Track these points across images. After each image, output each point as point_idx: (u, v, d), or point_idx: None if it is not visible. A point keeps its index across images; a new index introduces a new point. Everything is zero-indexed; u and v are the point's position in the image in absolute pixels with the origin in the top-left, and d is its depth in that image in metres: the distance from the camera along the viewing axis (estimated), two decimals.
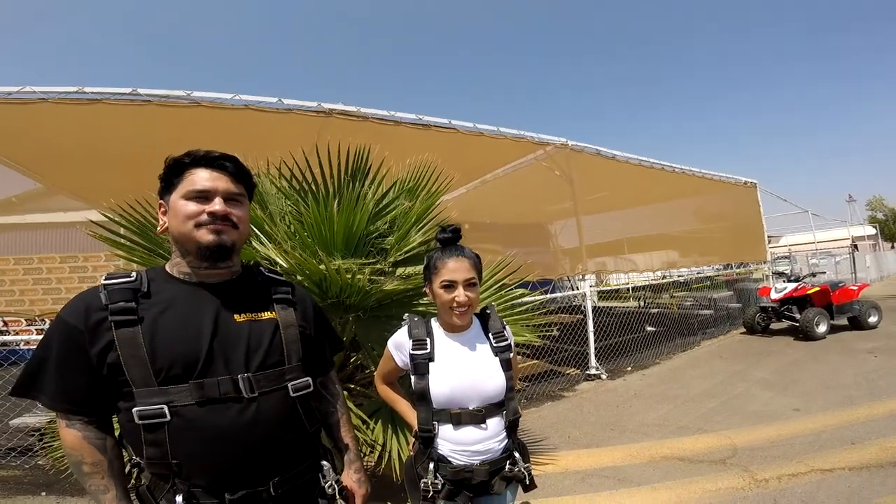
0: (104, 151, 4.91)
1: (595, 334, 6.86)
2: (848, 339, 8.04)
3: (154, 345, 1.09)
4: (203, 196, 1.18)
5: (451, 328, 1.65)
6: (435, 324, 1.68)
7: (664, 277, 10.54)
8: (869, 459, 3.46)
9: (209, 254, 1.19)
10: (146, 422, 1.06)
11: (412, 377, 1.61)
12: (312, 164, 2.98)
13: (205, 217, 1.17)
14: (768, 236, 14.51)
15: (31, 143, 4.74)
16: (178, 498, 1.08)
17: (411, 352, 1.61)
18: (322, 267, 2.55)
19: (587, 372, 6.62)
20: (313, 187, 3.03)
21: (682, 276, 10.98)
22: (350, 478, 1.44)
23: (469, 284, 1.57)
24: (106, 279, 1.14)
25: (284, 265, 2.70)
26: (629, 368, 6.95)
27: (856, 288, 9.04)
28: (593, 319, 6.88)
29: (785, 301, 8.72)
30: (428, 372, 1.58)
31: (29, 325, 8.69)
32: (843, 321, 8.87)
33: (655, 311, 10.71)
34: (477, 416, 1.56)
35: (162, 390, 1.07)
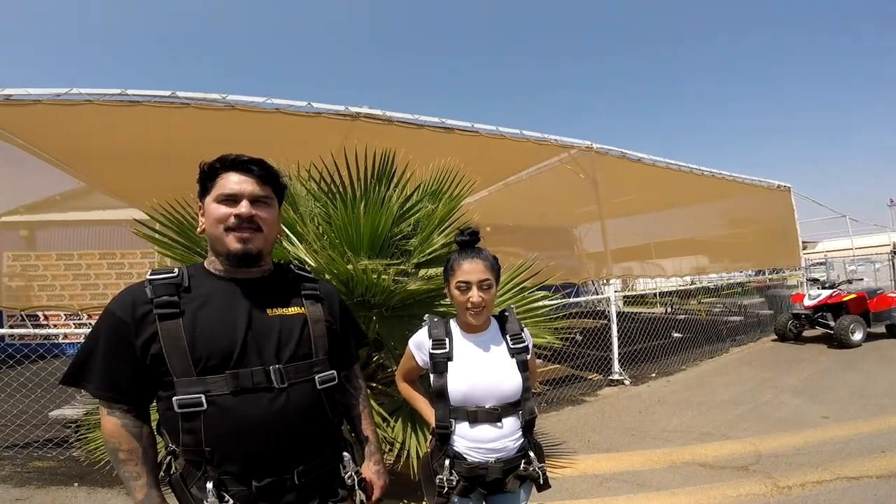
0: (144, 152, 5.10)
1: (619, 340, 6.80)
2: (885, 347, 7.80)
3: (194, 337, 1.16)
4: (232, 199, 1.25)
5: (469, 328, 1.70)
6: (454, 324, 1.73)
7: (692, 283, 10.37)
8: None
9: (237, 261, 1.27)
10: (184, 410, 1.13)
11: (431, 375, 1.66)
12: (340, 167, 3.07)
13: (232, 220, 1.24)
14: (804, 242, 14.08)
15: (75, 143, 4.97)
16: (209, 485, 1.14)
17: (431, 351, 1.66)
18: (349, 267, 2.64)
19: (610, 377, 6.58)
20: (341, 189, 3.11)
21: (711, 281, 10.73)
22: (369, 469, 1.51)
23: (483, 286, 1.61)
24: (151, 275, 1.22)
25: (314, 264, 2.80)
26: (654, 374, 6.88)
27: (895, 295, 8.75)
28: (617, 325, 6.83)
29: (819, 308, 8.48)
30: (446, 371, 1.63)
31: (67, 320, 9.09)
32: (881, 329, 8.61)
33: (683, 317, 10.54)
34: (493, 415, 1.60)
35: (200, 380, 1.14)
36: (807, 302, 8.57)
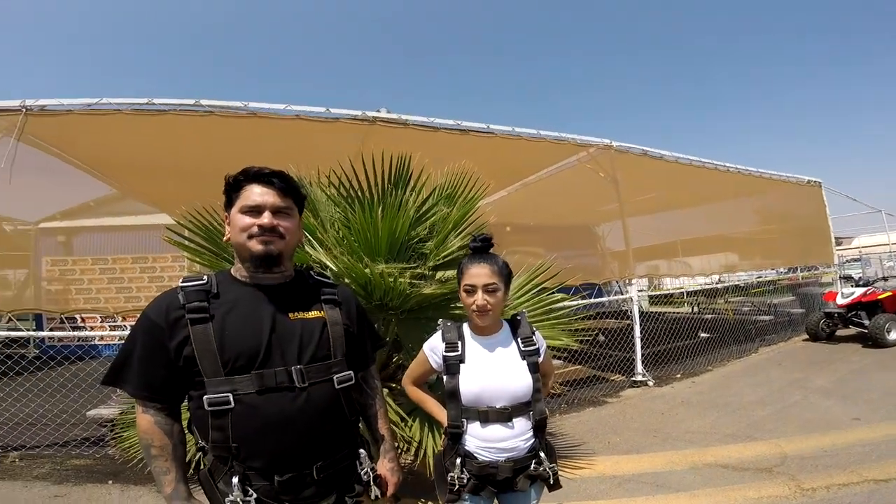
0: (171, 159, 5.29)
1: (643, 340, 6.72)
2: None
3: (223, 340, 1.25)
4: (255, 210, 1.34)
5: (480, 331, 1.75)
6: (466, 328, 1.79)
7: (720, 282, 10.15)
8: None
9: (260, 261, 1.35)
10: (214, 408, 1.22)
11: (444, 377, 1.72)
12: (358, 171, 3.14)
13: (255, 229, 1.33)
14: (838, 238, 13.61)
15: (107, 151, 5.14)
16: (235, 479, 1.22)
17: (444, 354, 1.72)
18: (367, 271, 2.72)
19: (633, 378, 6.51)
20: (359, 194, 3.18)
21: (741, 280, 10.48)
22: (384, 466, 1.57)
23: (488, 289, 1.66)
24: (182, 282, 1.31)
25: (334, 268, 2.88)
26: (678, 375, 6.78)
27: None
28: (641, 325, 6.75)
29: (853, 307, 8.20)
30: (458, 372, 1.69)
31: (103, 322, 9.42)
32: None
33: (710, 316, 10.35)
34: (503, 415, 1.64)
35: (228, 380, 1.23)
36: (840, 300, 8.30)
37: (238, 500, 1.21)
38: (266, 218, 1.34)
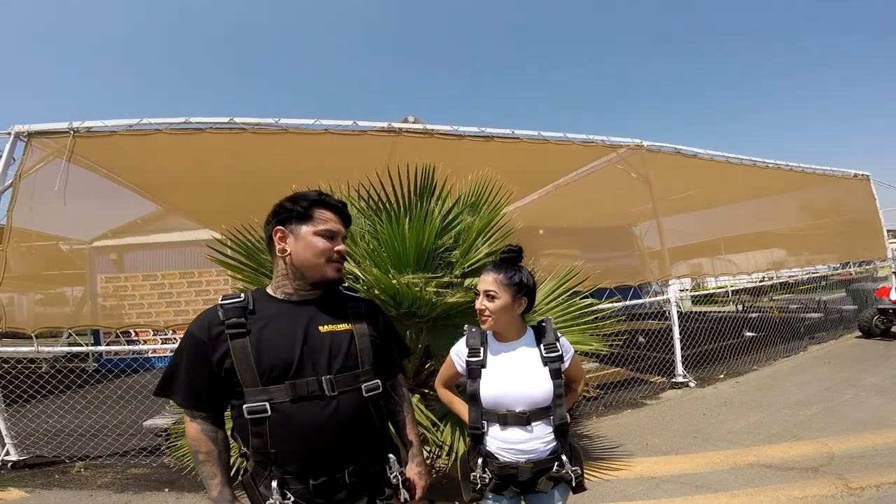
0: (209, 175, 5.50)
1: (685, 341, 6.59)
2: None
3: (259, 352, 1.34)
4: (331, 236, 1.46)
5: (501, 337, 1.82)
6: (490, 334, 1.85)
7: (764, 279, 9.81)
8: None
9: (330, 284, 1.49)
10: (253, 416, 1.32)
11: (467, 381, 1.79)
12: (385, 183, 3.22)
13: (335, 255, 1.46)
14: (891, 231, 12.93)
15: (149, 170, 5.37)
16: (274, 483, 1.32)
17: (467, 359, 1.80)
18: (394, 282, 2.82)
19: (673, 380, 6.38)
20: (387, 206, 3.26)
21: (791, 276, 10.10)
22: (412, 470, 1.64)
23: (487, 295, 1.74)
24: (222, 300, 1.42)
25: (365, 280, 2.98)
26: (722, 376, 6.61)
27: None
28: (682, 325, 6.61)
29: None
30: (480, 376, 1.76)
31: (155, 335, 9.86)
32: None
33: (756, 315, 10.01)
34: (522, 418, 1.70)
35: (265, 390, 1.32)
36: (893, 296, 7.93)
37: (277, 502, 1.30)
38: (342, 246, 1.49)
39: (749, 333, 8.67)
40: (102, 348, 5.92)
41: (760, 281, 9.72)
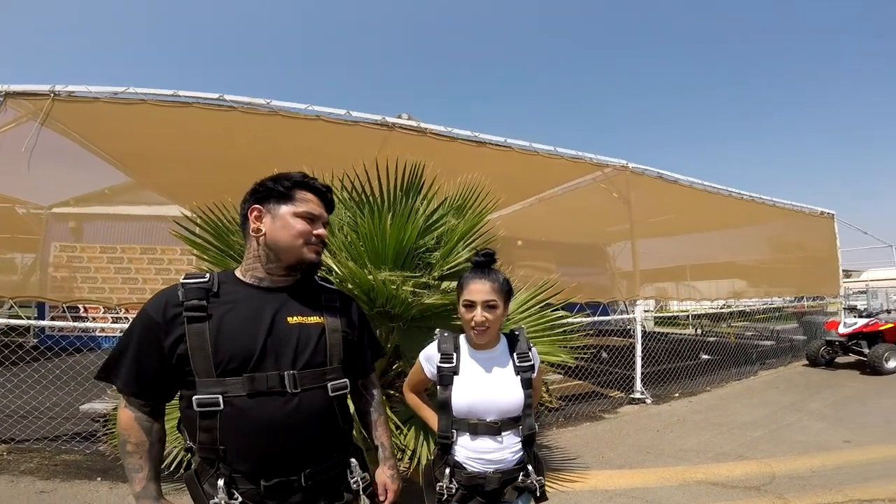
0: (191, 152, 5.30)
1: (645, 359, 6.74)
2: None
3: (218, 340, 1.23)
4: (311, 219, 1.38)
5: (477, 345, 1.74)
6: (463, 340, 1.78)
7: (725, 306, 10.18)
8: None
9: (307, 268, 1.39)
10: (202, 409, 1.21)
11: (437, 387, 1.72)
12: (372, 177, 3.14)
13: (314, 238, 1.38)
14: (848, 270, 13.53)
15: (128, 141, 5.14)
16: (220, 482, 1.21)
17: (439, 364, 1.72)
18: (370, 277, 2.73)
19: (631, 396, 6.52)
20: (370, 200, 3.18)
21: (749, 305, 10.51)
22: (385, 474, 1.57)
23: (488, 306, 1.65)
24: (184, 279, 1.31)
25: (339, 273, 2.88)
26: (677, 395, 6.79)
27: None
28: (644, 344, 6.77)
29: (854, 336, 8.30)
30: (451, 384, 1.68)
31: (105, 314, 9.34)
32: None
33: (713, 339, 10.39)
34: (493, 428, 1.65)
35: (220, 381, 1.22)
36: (841, 329, 8.44)
37: (222, 502, 1.20)
38: (323, 230, 1.41)
39: (705, 356, 8.97)
40: (46, 323, 5.52)
41: (721, 308, 10.08)
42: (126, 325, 1.34)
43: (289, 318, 1.33)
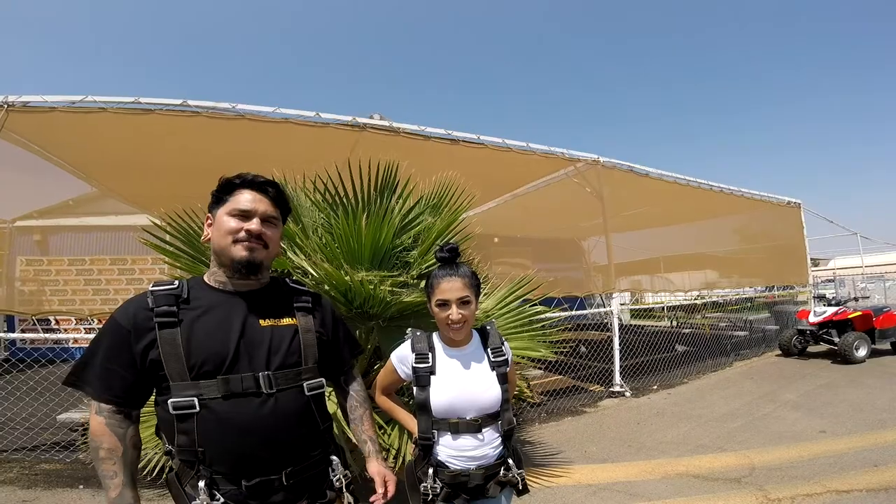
0: (156, 160, 5.18)
1: (623, 352, 6.83)
2: (889, 363, 7.79)
3: (190, 344, 1.24)
4: (244, 215, 1.35)
5: (451, 343, 1.74)
6: (436, 338, 1.77)
7: (699, 297, 10.37)
8: (889, 481, 3.43)
9: (240, 268, 1.34)
10: (179, 412, 1.21)
11: (414, 388, 1.70)
12: (345, 178, 3.12)
13: (242, 234, 1.33)
14: (815, 259, 13.90)
15: (89, 150, 5.03)
16: (201, 483, 1.22)
17: (414, 365, 1.70)
18: (347, 278, 2.72)
19: (611, 389, 6.59)
20: (344, 201, 3.17)
21: (721, 296, 10.72)
22: (379, 467, 1.56)
23: (462, 302, 1.66)
24: (153, 286, 1.31)
25: (315, 275, 2.87)
26: (655, 387, 6.88)
27: None
28: (621, 338, 6.86)
29: (824, 325, 8.50)
30: (429, 384, 1.67)
31: (78, 324, 9.15)
32: (886, 346, 8.62)
33: (688, 331, 10.57)
34: (473, 426, 1.65)
35: (194, 384, 1.22)
36: (812, 318, 8.59)
37: (205, 503, 1.21)
38: (255, 224, 1.35)
39: (681, 348, 9.09)
40: (15, 335, 5.38)
41: (694, 299, 10.25)
42: None
43: (261, 321, 1.35)
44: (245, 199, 1.37)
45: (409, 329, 1.82)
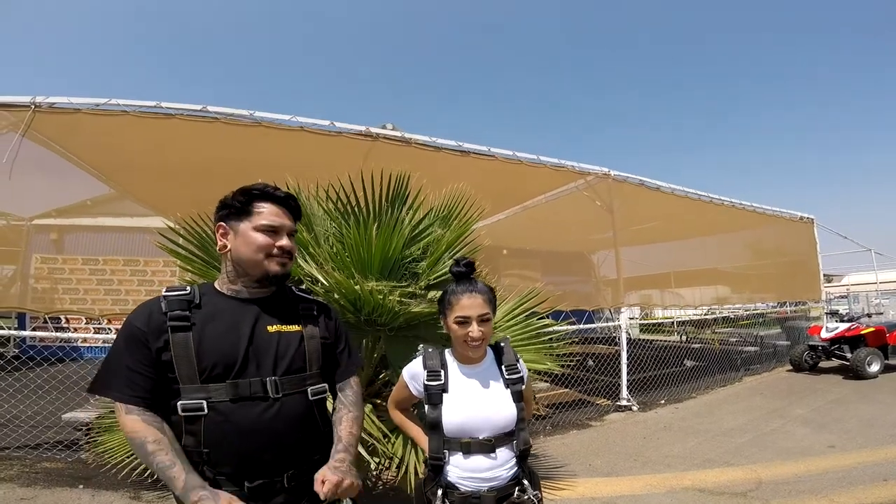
0: (174, 163, 5.27)
1: (630, 367, 6.80)
2: None
3: (200, 348, 1.28)
4: (273, 231, 1.40)
5: (465, 360, 1.70)
6: (449, 355, 1.73)
7: (709, 312, 10.30)
8: None
9: (274, 281, 1.41)
10: (187, 414, 1.25)
11: (426, 406, 1.66)
12: (357, 188, 3.15)
13: (276, 251, 1.40)
14: (828, 275, 13.73)
15: (110, 151, 5.13)
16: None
17: (426, 382, 1.66)
18: (357, 288, 2.75)
19: (618, 403, 6.56)
20: (355, 210, 3.20)
21: (732, 311, 10.63)
22: (324, 468, 1.35)
23: (482, 320, 1.62)
24: (166, 291, 1.36)
25: (325, 284, 2.90)
26: (663, 401, 6.84)
27: None
28: (629, 352, 6.84)
29: (836, 340, 8.42)
30: (441, 402, 1.62)
31: (87, 324, 9.26)
32: None
33: (698, 345, 10.49)
34: (486, 446, 1.60)
35: (203, 387, 1.26)
36: (824, 334, 8.52)
37: None
38: (286, 241, 1.42)
39: (690, 363, 9.04)
40: (27, 333, 5.45)
41: (705, 314, 10.19)
42: (109, 336, 1.35)
43: (269, 328, 1.39)
44: (272, 213, 1.42)
45: (421, 345, 1.81)
